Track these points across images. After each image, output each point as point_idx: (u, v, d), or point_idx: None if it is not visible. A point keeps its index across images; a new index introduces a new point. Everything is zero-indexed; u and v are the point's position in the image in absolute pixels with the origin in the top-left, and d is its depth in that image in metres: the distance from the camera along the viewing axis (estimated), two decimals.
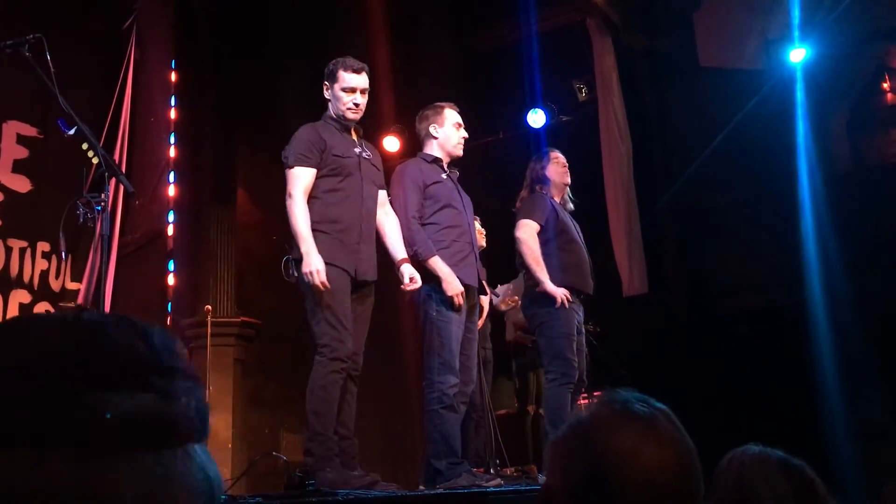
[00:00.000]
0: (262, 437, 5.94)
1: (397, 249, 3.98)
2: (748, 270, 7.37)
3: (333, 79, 3.90)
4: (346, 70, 3.88)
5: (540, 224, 4.78)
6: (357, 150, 3.91)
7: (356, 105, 3.90)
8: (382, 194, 4.01)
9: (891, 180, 7.19)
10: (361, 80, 3.91)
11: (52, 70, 3.13)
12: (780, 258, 6.99)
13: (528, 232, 4.76)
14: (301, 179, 3.72)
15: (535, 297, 4.72)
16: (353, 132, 3.95)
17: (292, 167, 3.73)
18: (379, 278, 3.91)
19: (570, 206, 5.12)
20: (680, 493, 1.01)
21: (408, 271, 3.89)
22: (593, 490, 1.00)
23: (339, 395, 3.64)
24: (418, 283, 3.88)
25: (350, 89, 3.88)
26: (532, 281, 4.73)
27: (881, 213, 6.98)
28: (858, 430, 5.96)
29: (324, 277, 3.55)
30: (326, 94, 3.93)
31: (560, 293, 4.60)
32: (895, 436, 6.07)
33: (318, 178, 3.76)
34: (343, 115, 3.89)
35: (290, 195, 3.71)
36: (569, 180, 5.07)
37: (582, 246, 4.92)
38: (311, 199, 3.73)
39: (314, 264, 3.55)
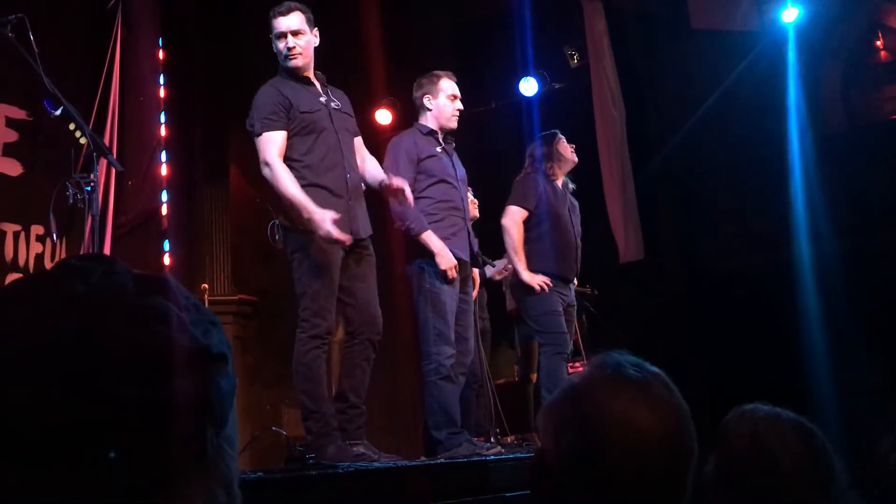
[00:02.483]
0: (263, 412, 5.97)
1: (382, 176, 3.82)
2: (742, 232, 7.38)
3: (270, 28, 3.65)
4: (274, 16, 3.63)
5: (528, 210, 4.83)
6: (322, 99, 3.69)
7: (290, 49, 3.61)
8: (358, 141, 3.82)
9: (884, 138, 7.17)
10: (289, 21, 3.60)
11: (37, 50, 3.09)
12: (773, 219, 6.99)
13: (512, 219, 4.83)
14: (273, 143, 3.50)
15: (517, 282, 4.82)
16: (315, 81, 3.73)
17: (261, 133, 3.52)
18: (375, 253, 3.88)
19: (571, 186, 5.13)
20: (673, 456, 1.02)
21: (396, 179, 3.72)
22: (586, 454, 1.01)
23: (354, 362, 3.59)
24: (404, 183, 3.72)
25: (280, 35, 3.62)
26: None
27: (875, 172, 6.97)
28: (847, 388, 6.01)
29: (340, 235, 3.35)
30: (274, 48, 3.67)
31: (536, 281, 4.69)
32: (882, 393, 6.12)
33: (290, 139, 3.56)
34: (285, 66, 3.64)
35: (266, 163, 3.49)
36: (576, 159, 5.07)
37: (571, 231, 4.95)
38: (290, 165, 3.53)
39: (325, 224, 3.31)
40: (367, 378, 3.67)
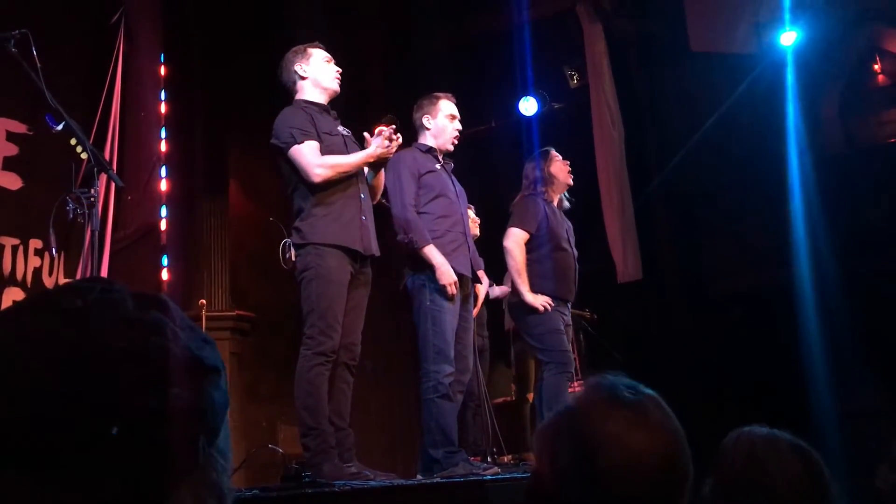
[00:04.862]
0: (259, 429, 5.95)
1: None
2: (741, 253, 7.39)
3: (306, 57, 3.87)
4: (314, 47, 3.90)
5: (529, 232, 4.86)
6: (340, 127, 3.88)
7: (339, 73, 3.91)
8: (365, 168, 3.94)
9: (882, 162, 7.20)
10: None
11: (39, 65, 3.10)
12: (772, 241, 7.00)
13: (514, 241, 4.85)
14: (314, 149, 3.62)
15: (517, 302, 4.82)
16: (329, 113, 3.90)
17: (302, 142, 3.62)
18: (375, 270, 3.89)
19: (566, 204, 5.15)
20: (668, 478, 1.02)
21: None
22: (582, 476, 1.00)
23: (333, 384, 3.61)
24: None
25: (328, 59, 3.89)
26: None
27: (872, 195, 6.99)
28: (845, 410, 6.00)
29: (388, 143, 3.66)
30: (302, 73, 3.86)
31: (539, 301, 4.70)
32: (882, 415, 6.11)
33: None
34: (330, 87, 3.86)
35: (316, 165, 3.59)
36: (571, 181, 5.09)
37: (570, 253, 4.97)
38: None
39: (376, 148, 3.64)
40: (349, 400, 3.70)
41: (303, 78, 3.86)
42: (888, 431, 5.87)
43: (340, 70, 3.90)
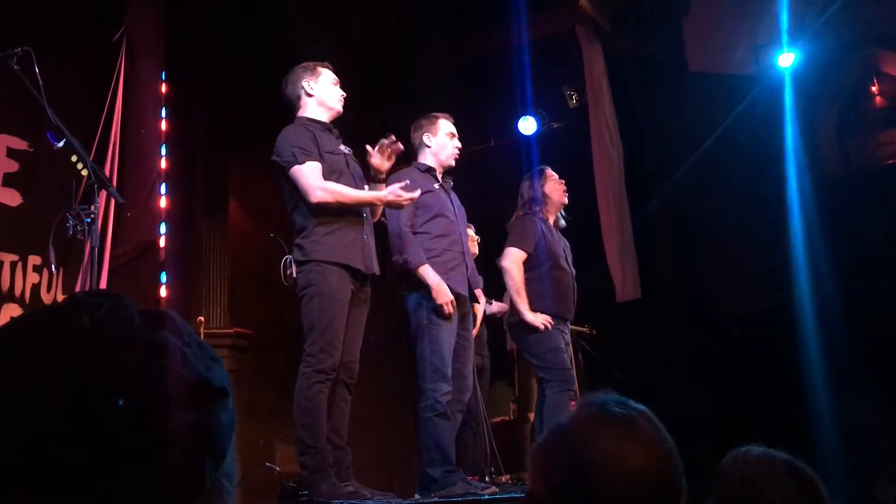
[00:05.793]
0: (256, 447, 5.92)
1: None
2: (740, 273, 7.39)
3: (315, 75, 3.88)
4: (324, 67, 3.91)
5: (527, 252, 4.86)
6: (342, 147, 3.89)
7: (343, 97, 3.93)
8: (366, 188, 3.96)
9: (880, 183, 7.22)
10: None
11: (41, 83, 3.12)
12: (771, 261, 7.01)
13: (512, 260, 4.85)
14: (318, 171, 3.62)
15: (517, 322, 4.82)
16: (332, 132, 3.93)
17: (303, 162, 3.61)
18: (373, 286, 3.89)
19: (563, 223, 5.15)
20: (660, 492, 1.02)
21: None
22: (575, 492, 1.01)
23: (331, 402, 3.61)
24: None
25: (336, 81, 3.91)
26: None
27: (870, 216, 7.00)
28: (846, 431, 5.98)
29: (403, 194, 3.65)
30: (309, 90, 3.86)
31: (539, 320, 4.69)
32: (882, 436, 6.09)
33: None
34: (335, 108, 3.88)
35: (318, 188, 3.58)
36: (567, 200, 5.10)
37: (569, 271, 4.97)
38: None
39: (389, 194, 3.65)
40: (347, 418, 3.69)
41: (309, 95, 3.87)
42: (888, 450, 5.86)
43: (345, 94, 3.92)
